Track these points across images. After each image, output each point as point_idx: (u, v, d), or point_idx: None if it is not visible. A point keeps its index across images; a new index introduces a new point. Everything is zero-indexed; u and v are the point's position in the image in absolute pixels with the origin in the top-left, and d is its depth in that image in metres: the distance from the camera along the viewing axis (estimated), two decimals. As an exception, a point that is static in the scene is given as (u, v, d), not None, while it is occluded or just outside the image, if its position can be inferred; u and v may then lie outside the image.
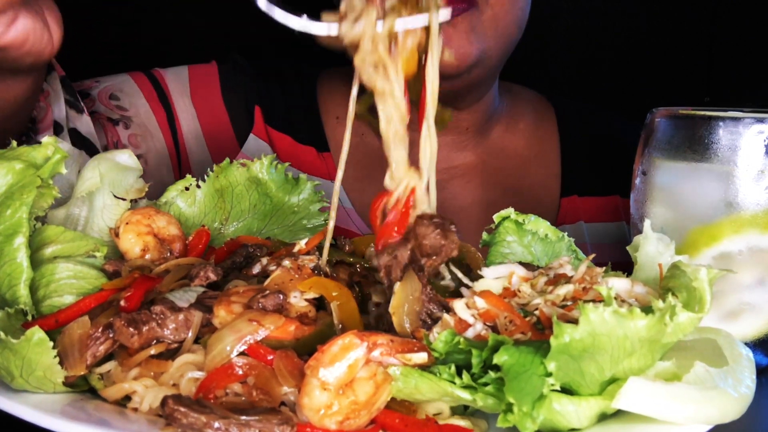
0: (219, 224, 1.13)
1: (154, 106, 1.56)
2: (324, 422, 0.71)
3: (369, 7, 0.80)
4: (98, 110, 1.50)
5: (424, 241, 0.84)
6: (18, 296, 0.83)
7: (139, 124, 1.54)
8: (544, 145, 1.72)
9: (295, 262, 0.91)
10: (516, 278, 0.87)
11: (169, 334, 0.82)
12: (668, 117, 0.99)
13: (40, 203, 0.90)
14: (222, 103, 1.62)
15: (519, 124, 1.72)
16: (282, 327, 0.80)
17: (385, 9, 0.80)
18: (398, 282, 0.83)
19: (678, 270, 0.78)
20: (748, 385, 0.74)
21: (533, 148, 1.71)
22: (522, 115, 1.73)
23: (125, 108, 1.54)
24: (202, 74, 1.63)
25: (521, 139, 1.71)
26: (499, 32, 1.42)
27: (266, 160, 1.12)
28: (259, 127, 1.62)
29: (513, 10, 1.43)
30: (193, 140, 1.59)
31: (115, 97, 1.54)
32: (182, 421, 0.69)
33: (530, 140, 1.71)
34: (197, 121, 1.60)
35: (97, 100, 1.52)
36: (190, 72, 1.63)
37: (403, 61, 0.81)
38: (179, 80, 1.61)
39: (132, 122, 1.53)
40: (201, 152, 1.60)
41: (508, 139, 1.70)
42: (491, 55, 1.43)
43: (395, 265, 0.86)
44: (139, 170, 1.05)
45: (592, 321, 0.66)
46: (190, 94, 1.60)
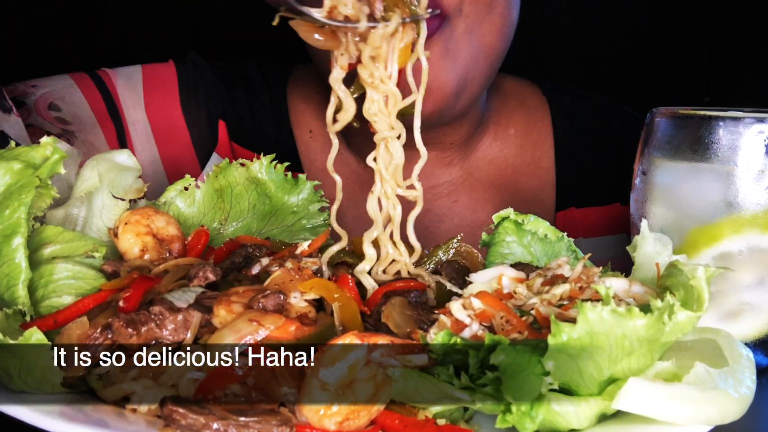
0: (218, 224, 1.13)
1: (101, 119, 1.33)
2: (323, 423, 0.71)
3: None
4: (35, 123, 1.28)
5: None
6: (16, 297, 0.83)
7: (84, 141, 1.31)
8: (538, 150, 1.56)
9: (296, 263, 0.91)
10: (507, 280, 0.86)
11: (167, 334, 0.81)
12: (668, 117, 0.99)
13: (38, 203, 0.89)
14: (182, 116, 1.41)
15: (509, 129, 1.55)
16: (282, 327, 0.80)
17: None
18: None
19: (675, 269, 0.78)
20: (748, 385, 0.73)
21: (525, 155, 1.55)
22: (513, 117, 1.56)
23: (67, 121, 1.31)
24: (158, 78, 1.41)
25: (512, 147, 1.55)
26: (477, 47, 1.25)
27: (265, 159, 1.12)
28: (223, 144, 1.43)
29: (490, 18, 1.25)
30: (146, 161, 1.37)
31: (55, 107, 1.31)
32: (181, 422, 0.69)
33: (522, 147, 1.55)
34: (152, 138, 1.38)
35: (34, 111, 1.29)
36: (144, 75, 1.40)
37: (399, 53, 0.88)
38: (131, 86, 1.38)
39: (75, 138, 1.31)
40: (155, 173, 1.38)
41: (497, 148, 1.54)
42: (474, 77, 1.27)
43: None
44: (138, 170, 1.05)
45: (590, 320, 0.66)
46: (144, 104, 1.38)
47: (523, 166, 1.54)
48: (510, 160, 1.54)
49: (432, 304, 0.91)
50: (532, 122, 1.57)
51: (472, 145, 1.51)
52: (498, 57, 1.32)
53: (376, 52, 0.90)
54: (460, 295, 0.87)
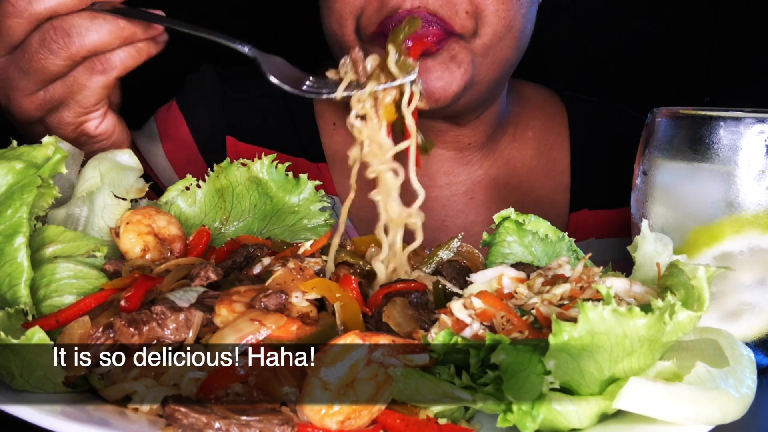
0: (219, 224, 1.13)
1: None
2: (325, 422, 0.71)
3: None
4: None
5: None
6: (18, 296, 0.83)
7: None
8: (554, 153, 1.61)
9: (298, 263, 0.92)
10: (507, 280, 0.87)
11: (169, 334, 0.81)
12: (669, 117, 0.99)
13: (40, 203, 0.89)
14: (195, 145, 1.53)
15: (528, 132, 1.61)
16: (284, 327, 0.80)
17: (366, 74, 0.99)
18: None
19: (676, 269, 0.78)
20: (749, 385, 0.73)
21: (542, 157, 1.60)
22: (532, 121, 1.62)
23: None
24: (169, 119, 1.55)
25: (529, 149, 1.60)
26: (490, 59, 1.32)
27: (266, 159, 1.12)
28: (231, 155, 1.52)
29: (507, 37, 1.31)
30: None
31: None
32: (183, 421, 0.69)
33: (539, 149, 1.61)
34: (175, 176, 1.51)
35: None
36: (158, 124, 1.55)
37: (383, 111, 0.99)
38: (151, 141, 1.54)
39: None
40: None
41: (515, 149, 1.59)
42: (480, 80, 1.33)
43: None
44: (139, 170, 1.05)
45: (591, 319, 0.66)
46: (164, 152, 1.53)
47: (538, 167, 1.59)
48: (527, 161, 1.59)
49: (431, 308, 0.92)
50: (550, 127, 1.62)
51: (491, 146, 1.56)
52: (511, 65, 1.39)
53: (363, 111, 0.99)
54: (460, 295, 0.87)
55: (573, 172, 1.59)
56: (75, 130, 1.09)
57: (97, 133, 1.11)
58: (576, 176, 1.59)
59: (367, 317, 0.88)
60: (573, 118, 1.63)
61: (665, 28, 2.25)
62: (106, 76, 1.04)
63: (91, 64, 1.04)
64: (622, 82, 2.20)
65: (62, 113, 1.07)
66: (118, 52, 1.04)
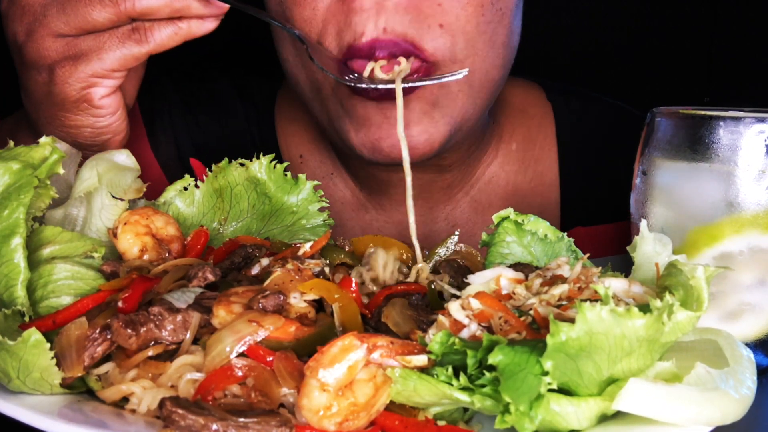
0: (218, 224, 1.13)
1: None
2: (323, 423, 0.71)
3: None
4: None
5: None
6: (15, 297, 0.83)
7: None
8: (540, 166, 1.47)
9: (297, 263, 0.91)
10: (505, 281, 0.86)
11: (167, 335, 0.81)
12: (669, 117, 0.99)
13: (37, 203, 0.89)
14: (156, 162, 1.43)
15: (511, 144, 1.47)
16: (282, 328, 0.80)
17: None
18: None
19: (675, 269, 0.78)
20: (749, 386, 0.73)
21: (528, 171, 1.47)
22: (516, 130, 1.48)
23: None
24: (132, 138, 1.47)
25: (514, 163, 1.47)
26: (476, 88, 1.20)
27: (265, 159, 1.12)
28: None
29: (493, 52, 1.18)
30: None
31: None
32: (180, 422, 0.68)
33: (524, 162, 1.47)
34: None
35: None
36: None
37: None
38: None
39: None
40: None
41: (498, 165, 1.46)
42: (469, 116, 1.22)
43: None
44: (137, 170, 1.04)
45: (589, 320, 0.66)
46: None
47: (524, 183, 1.47)
48: (511, 177, 1.47)
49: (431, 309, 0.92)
50: (535, 134, 1.49)
51: (472, 165, 1.44)
52: (498, 86, 1.27)
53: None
54: (458, 296, 0.87)
55: (562, 185, 1.46)
56: (79, 91, 1.04)
57: (99, 105, 1.06)
58: (566, 190, 1.46)
59: (366, 319, 0.88)
60: (559, 118, 1.49)
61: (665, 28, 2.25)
62: (140, 47, 1.01)
63: (131, 31, 1.01)
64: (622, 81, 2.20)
65: (77, 66, 1.02)
66: (160, 28, 1.01)
